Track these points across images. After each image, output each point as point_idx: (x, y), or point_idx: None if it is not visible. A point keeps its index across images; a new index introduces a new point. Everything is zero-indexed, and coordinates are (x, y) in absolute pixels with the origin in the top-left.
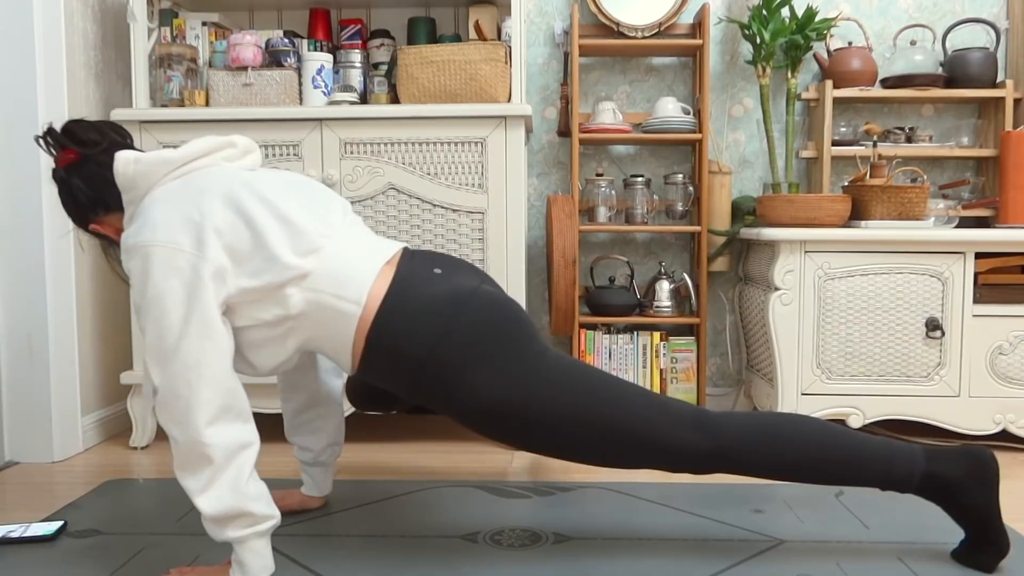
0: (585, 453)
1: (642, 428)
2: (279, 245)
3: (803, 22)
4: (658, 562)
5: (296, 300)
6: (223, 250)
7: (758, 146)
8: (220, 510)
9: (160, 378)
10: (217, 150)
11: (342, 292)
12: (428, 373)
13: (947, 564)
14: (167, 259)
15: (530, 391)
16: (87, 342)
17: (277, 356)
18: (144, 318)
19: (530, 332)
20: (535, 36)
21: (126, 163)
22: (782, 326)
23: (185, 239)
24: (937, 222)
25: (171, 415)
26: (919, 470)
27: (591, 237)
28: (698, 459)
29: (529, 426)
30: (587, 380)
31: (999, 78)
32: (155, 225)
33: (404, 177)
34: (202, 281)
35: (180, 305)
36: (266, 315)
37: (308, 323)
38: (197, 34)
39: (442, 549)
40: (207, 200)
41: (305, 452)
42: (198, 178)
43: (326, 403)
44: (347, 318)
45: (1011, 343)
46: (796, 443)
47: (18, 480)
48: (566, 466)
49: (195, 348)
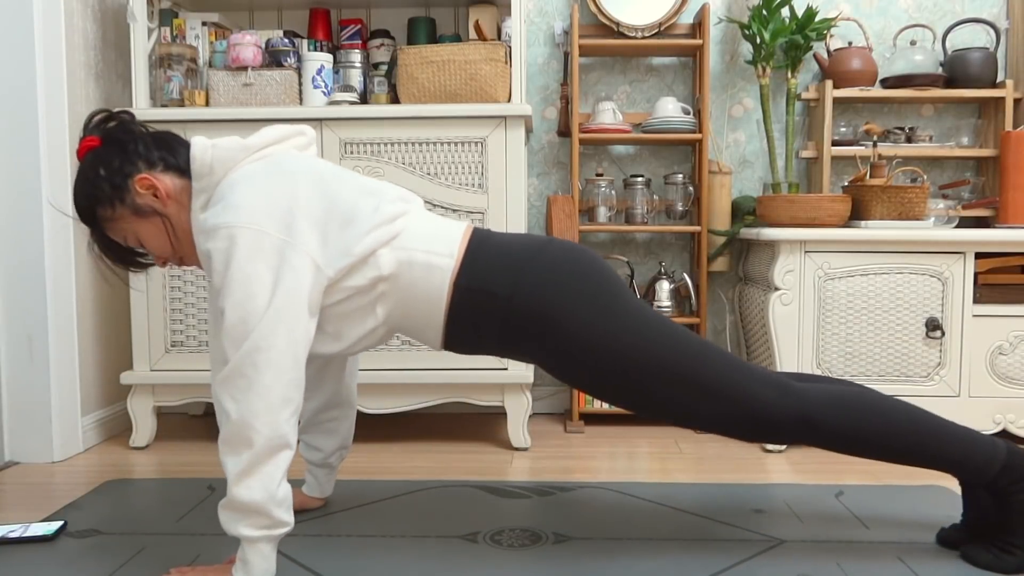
0: (664, 408)
1: (729, 387)
2: (367, 213)
3: (803, 22)
4: (658, 562)
5: (387, 260)
6: (313, 232)
7: (758, 146)
8: (247, 503)
9: (232, 355)
10: (289, 137)
11: (433, 247)
12: (514, 311)
13: (947, 564)
14: (253, 241)
15: (613, 337)
16: (87, 342)
17: (365, 325)
18: (225, 298)
19: (613, 279)
20: (535, 36)
21: (204, 148)
22: (782, 326)
23: (272, 223)
24: (937, 222)
25: (231, 392)
26: (1000, 461)
27: (591, 237)
28: (783, 425)
29: (612, 375)
30: (675, 334)
31: (999, 78)
32: (239, 207)
33: (404, 177)
34: (290, 266)
35: (266, 289)
36: (359, 281)
37: (400, 283)
38: (197, 34)
39: (442, 549)
40: (292, 182)
41: (315, 452)
42: (279, 162)
43: (345, 405)
44: (440, 271)
45: (1011, 343)
46: (882, 417)
47: (18, 480)
48: (566, 466)
49: (269, 332)
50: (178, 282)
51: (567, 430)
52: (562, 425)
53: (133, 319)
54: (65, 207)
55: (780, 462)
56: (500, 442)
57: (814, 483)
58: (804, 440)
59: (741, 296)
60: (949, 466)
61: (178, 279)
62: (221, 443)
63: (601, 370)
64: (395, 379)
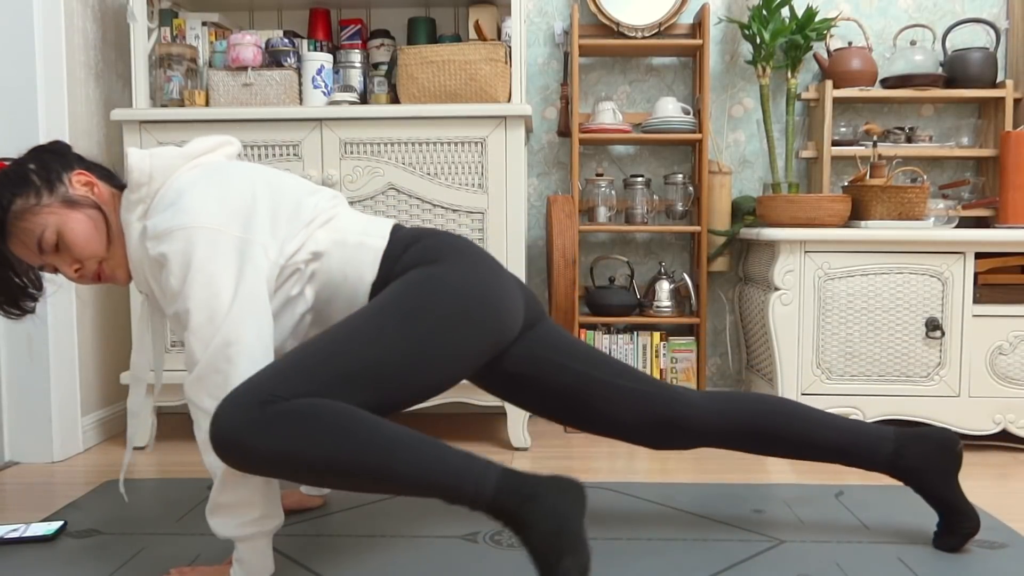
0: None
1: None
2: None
3: (803, 22)
4: (658, 562)
5: (322, 238)
6: (266, 225)
7: (758, 146)
8: (233, 497)
9: (202, 354)
10: (220, 147)
11: (367, 230)
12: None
13: (947, 564)
14: (211, 241)
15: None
16: (87, 342)
17: (296, 311)
18: (188, 299)
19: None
20: (535, 36)
21: (142, 157)
22: (782, 326)
23: (227, 221)
24: (937, 222)
25: (208, 389)
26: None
27: (591, 237)
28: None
29: (344, 353)
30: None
31: (999, 78)
32: (192, 209)
33: (404, 177)
34: (250, 261)
35: (228, 285)
36: (297, 258)
37: (332, 262)
38: (197, 34)
39: (442, 549)
40: (241, 180)
41: None
42: (220, 167)
43: None
44: (372, 250)
45: (1011, 343)
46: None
47: (18, 480)
48: (566, 466)
49: (237, 324)
50: None
51: (567, 430)
52: (562, 425)
53: (133, 319)
54: None
55: (780, 462)
56: (500, 442)
57: (814, 483)
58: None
59: (741, 296)
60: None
61: None
62: (202, 443)
63: (337, 346)
64: None
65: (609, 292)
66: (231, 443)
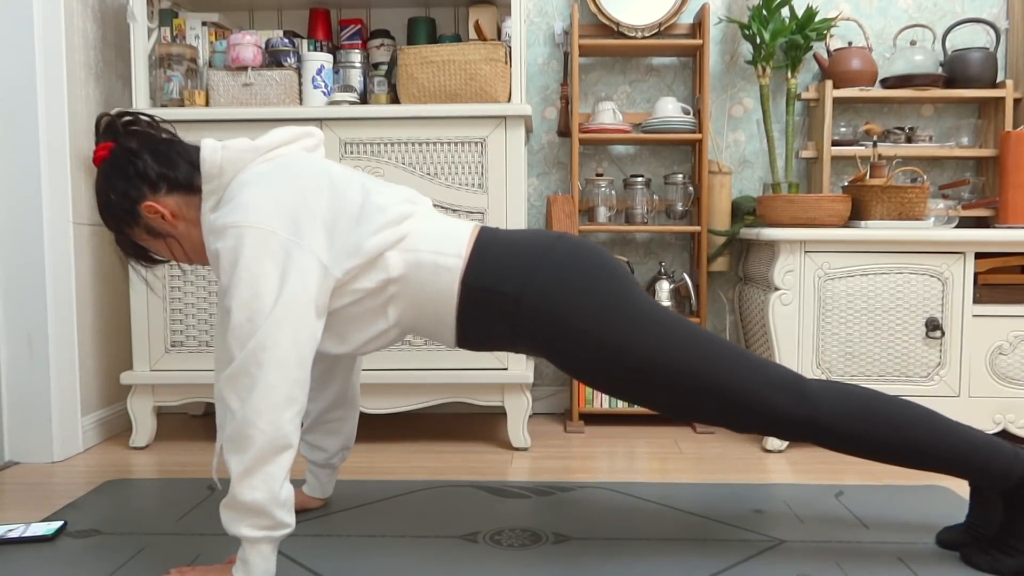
0: (676, 406)
1: (738, 387)
2: (373, 215)
3: (803, 22)
4: (658, 562)
5: (396, 262)
6: (319, 233)
7: (758, 146)
8: (248, 502)
9: (238, 353)
10: (298, 139)
11: (441, 248)
12: (525, 309)
13: (947, 564)
14: (261, 241)
15: (625, 336)
16: (87, 342)
17: (376, 327)
18: (232, 297)
19: (624, 275)
20: (535, 36)
21: (213, 150)
22: (782, 326)
23: (280, 223)
24: (937, 222)
25: (236, 390)
26: (1019, 472)
27: (591, 237)
28: (792, 426)
29: (622, 374)
30: (685, 333)
31: (999, 78)
32: (247, 207)
33: (404, 177)
34: (296, 266)
35: (272, 288)
36: (368, 283)
37: (410, 285)
38: (197, 34)
39: (442, 549)
40: (301, 183)
41: (319, 452)
42: (288, 164)
43: (349, 406)
44: (449, 272)
45: (1011, 343)
46: (897, 424)
47: (18, 480)
48: (566, 466)
49: (274, 331)
50: (178, 282)
51: (567, 430)
52: (562, 425)
53: (133, 319)
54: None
55: (780, 462)
56: (500, 442)
57: (814, 483)
58: (814, 440)
59: (741, 296)
60: (968, 475)
61: (178, 279)
62: (226, 441)
63: (611, 370)
64: (395, 379)
65: None
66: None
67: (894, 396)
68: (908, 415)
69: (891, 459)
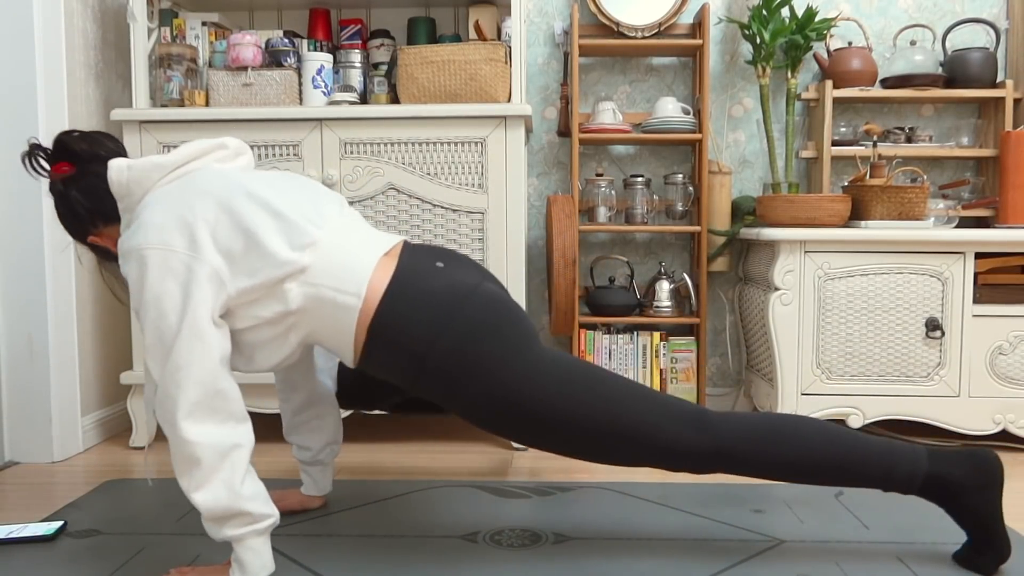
0: (585, 450)
1: (643, 427)
2: (274, 241)
3: (803, 22)
4: (658, 562)
5: (295, 295)
6: (217, 250)
7: (758, 146)
8: (215, 508)
9: (159, 375)
10: (209, 152)
11: (341, 285)
12: (428, 368)
13: (947, 565)
14: (162, 261)
15: (530, 389)
16: (87, 342)
17: (280, 352)
18: (143, 320)
19: (530, 332)
20: (535, 36)
21: (120, 170)
22: (782, 326)
23: (179, 240)
24: (937, 222)
25: (163, 414)
26: (922, 471)
27: (591, 237)
28: (699, 458)
29: (528, 423)
30: (588, 378)
31: (999, 78)
32: (148, 228)
33: (404, 177)
34: (197, 282)
35: (176, 306)
36: (267, 312)
37: (309, 318)
38: (197, 34)
39: (442, 549)
40: (200, 201)
41: (304, 451)
42: (191, 181)
43: (323, 402)
44: (347, 311)
45: (1011, 343)
46: (797, 444)
47: (18, 480)
48: (566, 466)
49: (185, 349)
50: None
51: None
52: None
53: (133, 319)
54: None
55: None
56: (500, 442)
57: None
58: (723, 470)
59: (741, 296)
60: (874, 484)
61: None
62: (173, 465)
63: (513, 422)
64: None
65: (609, 292)
66: None
67: (790, 414)
68: (807, 428)
69: (796, 477)
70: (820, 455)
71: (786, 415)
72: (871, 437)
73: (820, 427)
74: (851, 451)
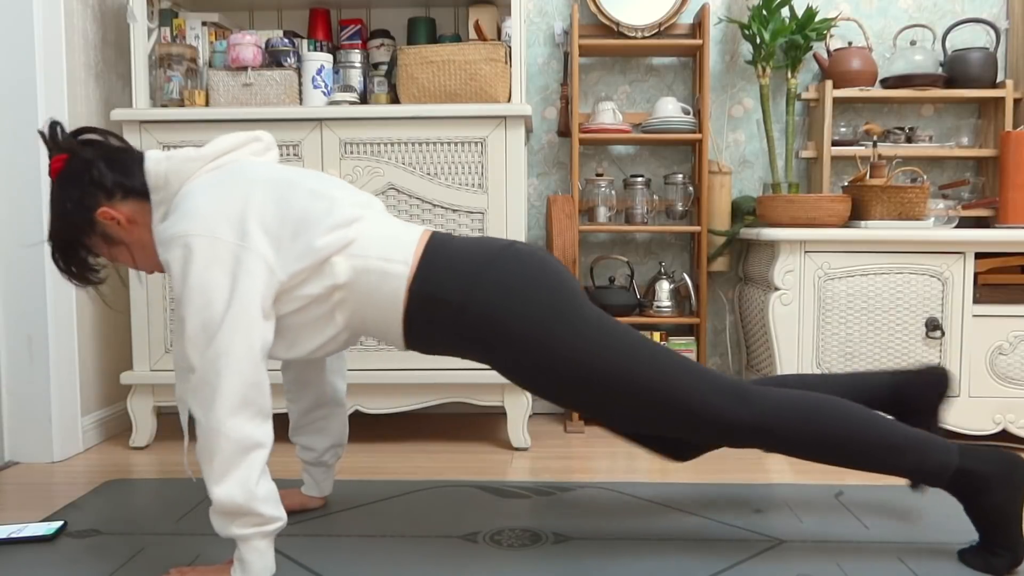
0: (618, 415)
1: (682, 394)
2: (320, 219)
3: (803, 22)
4: (658, 562)
5: (342, 268)
6: (266, 237)
7: (758, 146)
8: (228, 504)
9: (198, 362)
10: (245, 144)
11: (389, 255)
12: (467, 320)
13: (947, 564)
14: (209, 249)
15: (567, 344)
16: (87, 342)
17: (324, 333)
18: (185, 306)
19: (570, 286)
20: (535, 36)
21: (157, 161)
22: (782, 326)
23: (227, 229)
24: (937, 222)
25: (199, 400)
26: (953, 464)
27: (591, 237)
28: (737, 431)
29: (565, 382)
30: (628, 341)
31: (999, 78)
32: (194, 216)
33: (404, 177)
34: (247, 271)
35: (223, 295)
36: (315, 289)
37: (357, 292)
38: (197, 34)
39: (442, 549)
40: (245, 189)
41: (308, 452)
42: (232, 171)
43: (332, 404)
44: (395, 279)
45: (1011, 343)
46: (836, 425)
47: (18, 480)
48: (566, 466)
49: (228, 338)
50: None
51: (567, 430)
52: (562, 425)
53: (133, 319)
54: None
55: (780, 462)
56: (500, 442)
57: (814, 483)
58: (759, 445)
59: (741, 296)
60: (905, 472)
61: None
62: (198, 451)
63: (554, 378)
64: (395, 379)
65: (609, 292)
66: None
67: (831, 396)
68: (846, 410)
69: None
70: (859, 438)
71: (824, 396)
72: (906, 426)
73: (858, 410)
74: (888, 436)
